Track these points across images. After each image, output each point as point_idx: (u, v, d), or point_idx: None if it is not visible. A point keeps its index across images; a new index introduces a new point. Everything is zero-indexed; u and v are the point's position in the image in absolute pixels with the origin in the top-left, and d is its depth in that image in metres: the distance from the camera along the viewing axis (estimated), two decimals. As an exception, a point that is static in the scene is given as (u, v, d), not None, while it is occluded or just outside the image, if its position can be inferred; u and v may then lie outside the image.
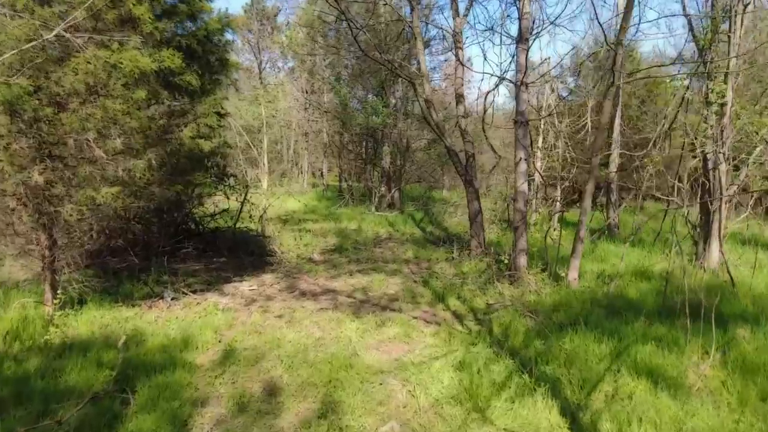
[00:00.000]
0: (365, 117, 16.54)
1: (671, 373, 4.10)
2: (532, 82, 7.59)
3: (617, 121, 10.95)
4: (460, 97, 9.20)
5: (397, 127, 17.15)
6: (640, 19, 11.97)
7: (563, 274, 7.09)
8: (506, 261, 7.74)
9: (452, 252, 9.83)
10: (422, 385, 4.26)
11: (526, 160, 7.51)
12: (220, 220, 10.64)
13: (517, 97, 7.51)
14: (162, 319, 6.06)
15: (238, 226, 10.75)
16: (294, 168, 29.09)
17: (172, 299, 6.83)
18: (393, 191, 16.85)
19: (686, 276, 5.60)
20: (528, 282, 7.13)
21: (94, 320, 5.75)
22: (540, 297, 6.62)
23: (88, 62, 4.48)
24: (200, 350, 5.08)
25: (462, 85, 9.21)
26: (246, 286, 7.82)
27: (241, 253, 9.82)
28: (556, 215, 11.06)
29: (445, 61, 19.00)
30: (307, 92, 23.43)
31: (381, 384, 4.34)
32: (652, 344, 4.61)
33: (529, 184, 10.43)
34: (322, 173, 27.82)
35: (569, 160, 10.15)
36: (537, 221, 10.81)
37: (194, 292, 7.31)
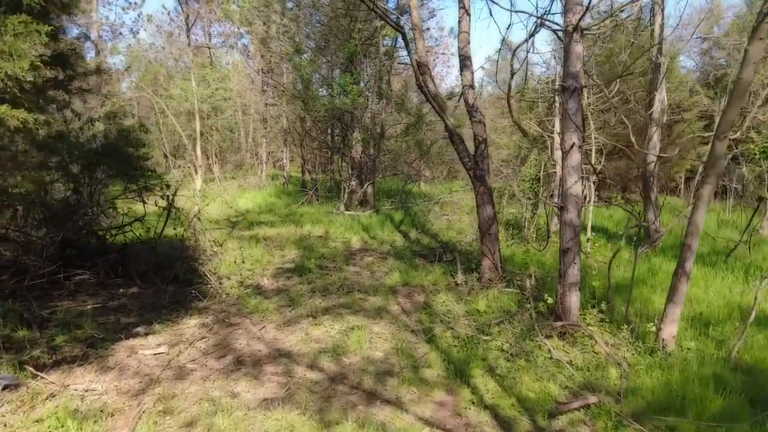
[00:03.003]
0: (331, 97, 13.71)
1: None
2: (588, 29, 4.98)
3: (662, 93, 8.50)
4: (465, 60, 6.53)
5: (369, 110, 14.39)
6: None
7: (650, 326, 4.56)
8: (548, 300, 5.16)
9: (453, 273, 7.22)
10: None
11: (580, 147, 4.93)
12: (130, 232, 7.71)
13: (566, 51, 4.90)
14: (-46, 450, 3.22)
15: (160, 238, 7.85)
16: (254, 158, 25.90)
17: (4, 388, 3.97)
18: (365, 186, 14.13)
19: None
20: (591, 337, 4.57)
21: None
22: (623, 372, 4.05)
23: None
24: None
25: (468, 42, 6.53)
26: (152, 344, 5.01)
27: (159, 279, 6.96)
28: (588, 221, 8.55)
29: (425, 30, 16.25)
30: (264, 72, 20.33)
31: None
32: None
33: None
34: (282, 165, 24.71)
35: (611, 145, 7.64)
36: (558, 228, 8.29)
37: (58, 363, 4.47)
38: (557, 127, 8.81)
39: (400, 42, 16.67)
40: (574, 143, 4.86)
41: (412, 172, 17.37)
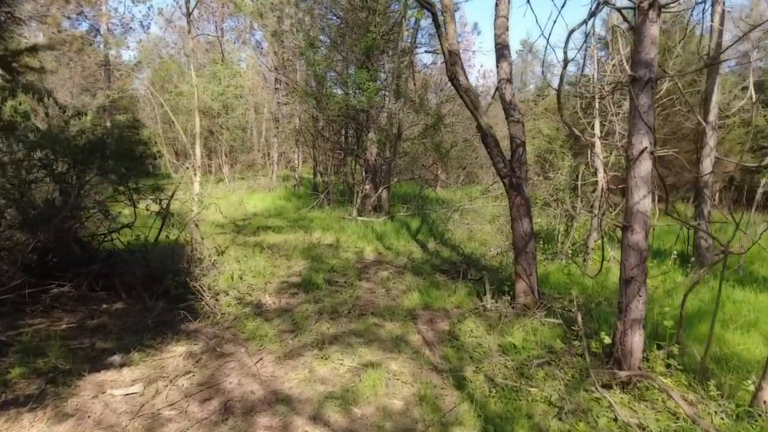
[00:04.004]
0: (346, 95, 12.88)
1: None
2: (667, 5, 4.06)
3: (714, 96, 7.53)
4: (503, 49, 5.63)
5: (386, 109, 13.54)
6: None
7: (748, 383, 3.62)
8: (604, 339, 4.24)
9: (481, 294, 6.33)
10: None
11: (652, 153, 4.01)
12: (118, 240, 6.91)
13: (638, 33, 3.99)
14: None
15: (155, 245, 7.05)
16: (265, 158, 25.13)
17: (-73, 445, 3.16)
18: (380, 190, 13.26)
19: None
20: (664, 391, 3.64)
21: None
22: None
23: None
24: None
25: (506, 29, 5.64)
26: (125, 380, 4.17)
27: (147, 294, 6.14)
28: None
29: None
30: (276, 69, 19.59)
31: None
32: None
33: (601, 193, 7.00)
34: (294, 166, 23.71)
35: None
36: (598, 244, 7.34)
37: (6, 406, 3.64)
38: (597, 131, 7.87)
39: (421, 38, 15.82)
40: (645, 148, 3.94)
41: (430, 176, 16.46)
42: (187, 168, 7.51)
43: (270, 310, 6.00)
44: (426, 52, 14.16)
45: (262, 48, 21.45)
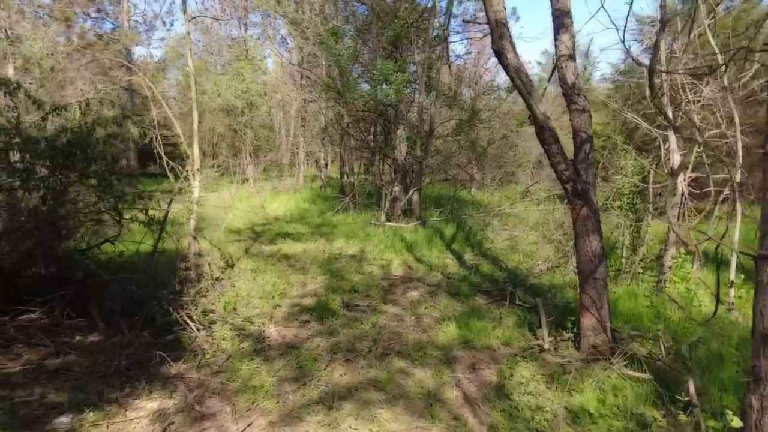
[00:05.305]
0: (373, 87, 11.72)
1: None
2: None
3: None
4: (563, 17, 4.37)
5: (417, 104, 12.33)
6: None
7: None
8: (733, 419, 2.94)
9: (532, 323, 5.09)
10: None
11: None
12: (102, 254, 5.94)
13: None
14: None
15: (153, 258, 6.06)
16: (294, 158, 24.20)
17: None
18: (411, 193, 12.06)
19: None
20: None
21: None
22: None
23: None
24: None
25: (568, -8, 4.37)
26: (68, 456, 3.14)
27: (128, 324, 5.11)
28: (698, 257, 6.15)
29: (479, 11, 13.99)
30: (301, 65, 18.61)
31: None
32: None
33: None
34: (326, 164, 22.51)
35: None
36: (678, 262, 5.95)
37: None
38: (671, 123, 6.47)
39: (454, 26, 14.55)
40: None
41: (465, 176, 15.15)
42: (187, 170, 6.49)
43: (273, 345, 4.90)
44: (464, 21, 12.99)
45: (288, 44, 20.53)
